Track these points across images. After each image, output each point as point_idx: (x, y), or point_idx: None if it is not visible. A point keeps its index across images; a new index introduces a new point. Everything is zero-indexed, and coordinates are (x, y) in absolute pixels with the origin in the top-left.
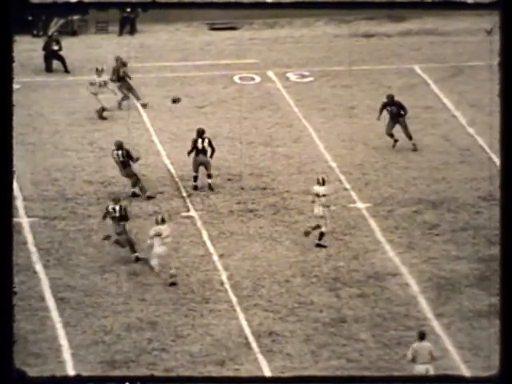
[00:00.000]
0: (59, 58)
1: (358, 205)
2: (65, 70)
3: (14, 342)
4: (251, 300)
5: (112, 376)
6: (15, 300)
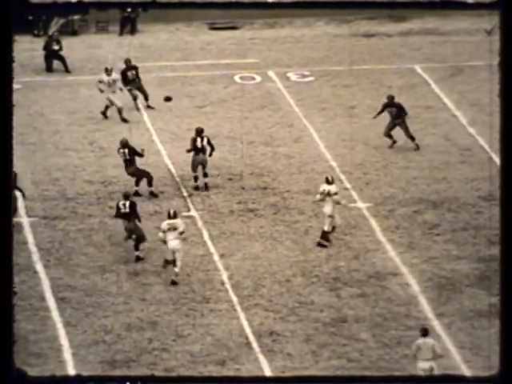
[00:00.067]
0: (60, 58)
1: (358, 204)
2: (65, 70)
3: (15, 342)
4: (252, 300)
5: (112, 376)
6: (16, 300)
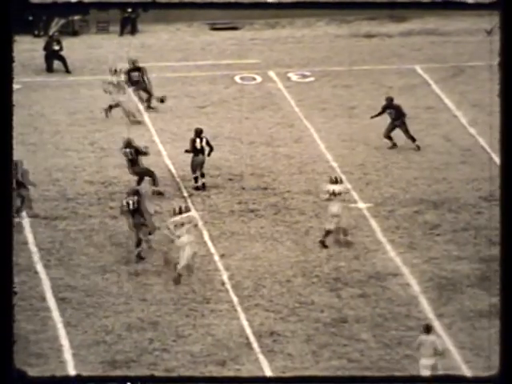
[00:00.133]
0: (60, 58)
1: (359, 205)
2: (66, 70)
3: (15, 342)
4: (252, 300)
5: (113, 376)
6: (16, 300)
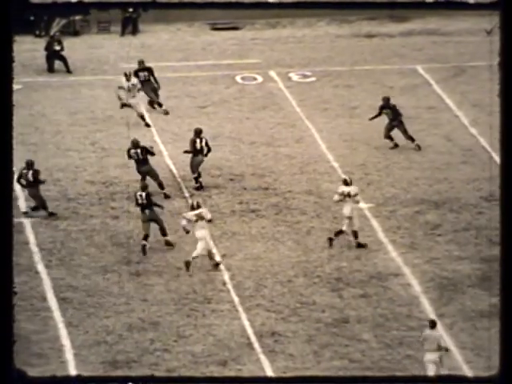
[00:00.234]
0: (61, 58)
1: (360, 205)
2: (67, 70)
3: (14, 342)
4: (253, 300)
5: (114, 376)
6: (17, 300)
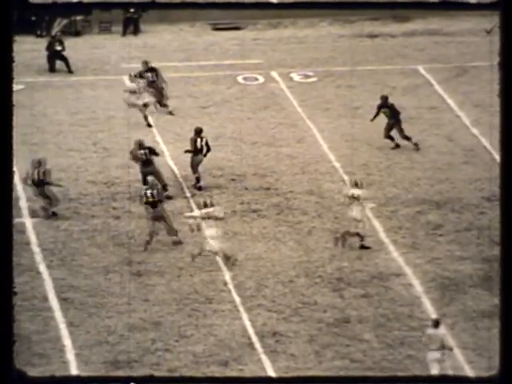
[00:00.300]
0: (62, 59)
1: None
2: (68, 71)
3: (14, 342)
4: (255, 300)
5: (115, 376)
6: (18, 300)
